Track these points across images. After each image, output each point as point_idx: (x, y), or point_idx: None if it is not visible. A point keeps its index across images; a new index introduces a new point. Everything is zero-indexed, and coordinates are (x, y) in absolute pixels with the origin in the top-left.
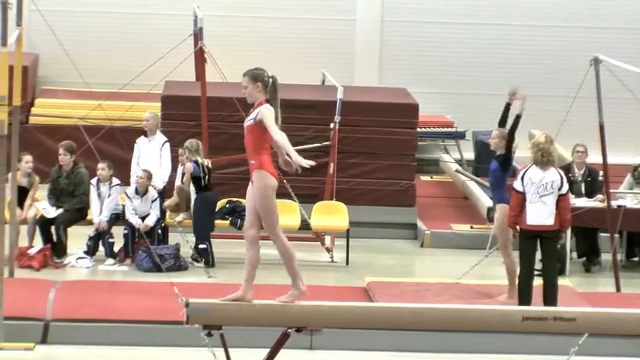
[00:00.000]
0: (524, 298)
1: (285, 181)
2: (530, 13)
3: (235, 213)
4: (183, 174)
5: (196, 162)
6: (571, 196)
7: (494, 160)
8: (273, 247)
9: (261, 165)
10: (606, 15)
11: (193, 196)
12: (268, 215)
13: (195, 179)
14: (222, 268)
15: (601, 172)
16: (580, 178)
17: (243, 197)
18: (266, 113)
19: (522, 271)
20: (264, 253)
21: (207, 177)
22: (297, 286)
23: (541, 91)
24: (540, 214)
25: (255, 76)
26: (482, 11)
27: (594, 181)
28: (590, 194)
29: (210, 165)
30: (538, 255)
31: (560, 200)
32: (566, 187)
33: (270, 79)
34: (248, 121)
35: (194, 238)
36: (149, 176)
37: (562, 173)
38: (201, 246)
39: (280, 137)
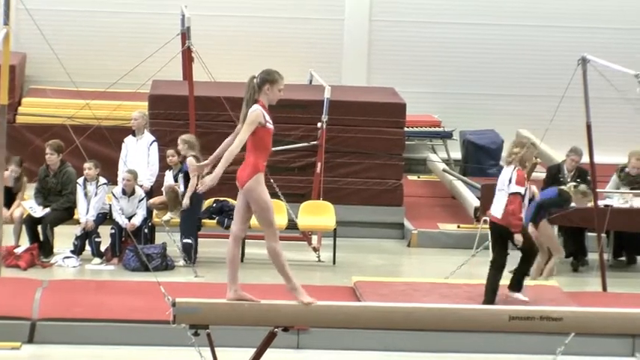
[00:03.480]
0: (489, 297)
1: (272, 180)
2: (518, 12)
3: (223, 212)
4: (178, 173)
5: (197, 158)
6: None
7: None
8: (263, 247)
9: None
10: (595, 15)
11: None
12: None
13: (187, 175)
14: (209, 268)
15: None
16: (569, 180)
17: (232, 197)
18: None
19: (491, 267)
20: (254, 252)
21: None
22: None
23: (530, 91)
24: (494, 206)
25: None
26: (469, 11)
27: (584, 181)
28: None
29: None
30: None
31: (507, 201)
32: (513, 188)
33: None
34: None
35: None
36: (135, 177)
37: (513, 174)
38: (185, 240)
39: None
